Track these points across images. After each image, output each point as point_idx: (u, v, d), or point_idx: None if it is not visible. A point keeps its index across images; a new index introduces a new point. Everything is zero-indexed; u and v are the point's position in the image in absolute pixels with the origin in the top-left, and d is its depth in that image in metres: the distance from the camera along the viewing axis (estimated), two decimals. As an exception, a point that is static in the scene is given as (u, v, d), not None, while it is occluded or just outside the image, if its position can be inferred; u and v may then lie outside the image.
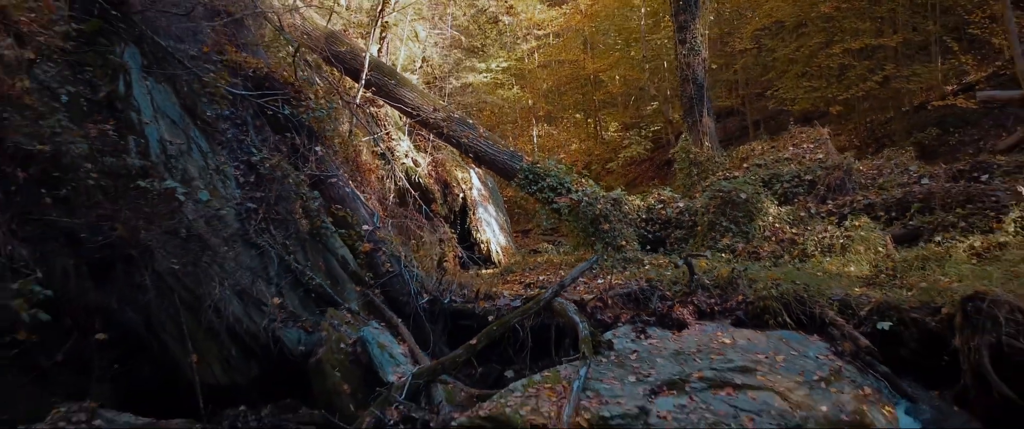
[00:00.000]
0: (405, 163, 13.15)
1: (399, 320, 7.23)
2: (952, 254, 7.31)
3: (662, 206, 10.79)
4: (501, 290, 8.39)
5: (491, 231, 14.47)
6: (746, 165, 11.69)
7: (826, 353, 5.86)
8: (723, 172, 11.80)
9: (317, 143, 8.06)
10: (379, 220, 8.98)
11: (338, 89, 11.70)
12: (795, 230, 9.20)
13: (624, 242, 9.83)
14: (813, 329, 6.25)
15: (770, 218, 9.54)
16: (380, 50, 14.17)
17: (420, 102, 12.05)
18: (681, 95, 13.81)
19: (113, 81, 5.93)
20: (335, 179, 8.11)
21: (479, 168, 14.34)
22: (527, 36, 24.09)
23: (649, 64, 20.49)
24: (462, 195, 14.23)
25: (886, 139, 14.66)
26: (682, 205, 10.69)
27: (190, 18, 6.87)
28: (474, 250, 13.71)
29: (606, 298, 7.12)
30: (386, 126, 13.39)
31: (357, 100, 11.74)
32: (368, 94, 12.18)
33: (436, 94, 15.73)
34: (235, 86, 7.33)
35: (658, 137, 20.80)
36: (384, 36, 14.45)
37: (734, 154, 12.79)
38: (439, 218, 13.30)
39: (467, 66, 19.72)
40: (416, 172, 13.23)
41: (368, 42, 12.95)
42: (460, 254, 12.83)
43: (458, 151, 12.73)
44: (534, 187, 11.13)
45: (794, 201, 10.16)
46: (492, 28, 24.00)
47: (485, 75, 20.64)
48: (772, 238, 9.15)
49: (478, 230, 14.24)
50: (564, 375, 5.40)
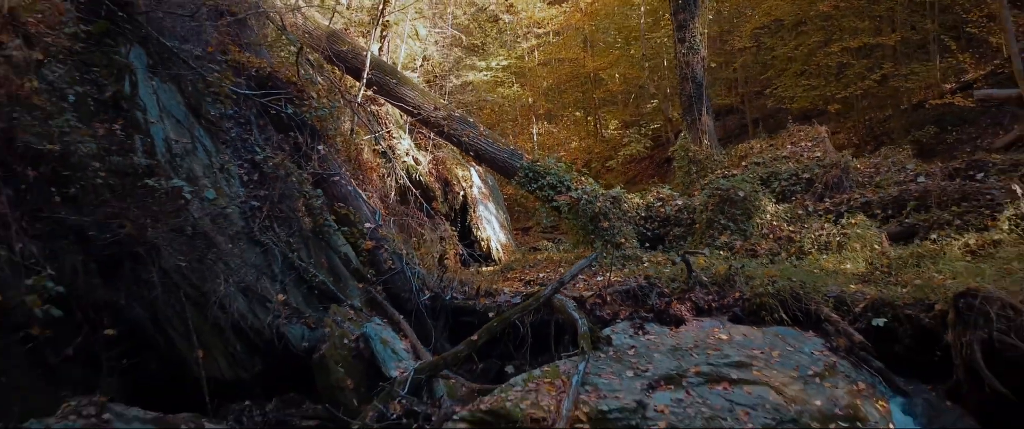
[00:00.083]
0: (406, 161, 13.20)
1: (401, 316, 7.32)
2: (946, 252, 7.41)
3: (661, 204, 10.84)
4: (501, 287, 8.47)
5: (491, 229, 14.53)
6: (744, 163, 11.73)
7: (821, 349, 5.95)
8: (722, 170, 11.84)
9: (319, 142, 8.13)
10: (381, 218, 9.05)
11: (340, 88, 11.76)
12: (792, 228, 9.27)
13: (623, 240, 9.89)
14: (809, 325, 6.33)
15: (768, 216, 9.61)
16: (381, 49, 14.21)
17: (421, 101, 12.11)
18: (680, 93, 13.83)
19: (119, 81, 6.01)
20: (337, 177, 8.19)
21: (479, 166, 14.38)
22: (527, 34, 24.10)
23: (649, 62, 20.51)
24: (463, 193, 14.29)
25: (884, 137, 14.71)
26: (681, 203, 10.73)
27: (194, 18, 6.95)
28: (474, 247, 13.76)
29: (605, 295, 7.19)
30: (387, 124, 13.43)
31: (358, 99, 11.80)
32: (369, 93, 12.23)
33: (436, 92, 15.77)
34: (239, 86, 7.39)
35: (658, 135, 20.85)
36: (385, 35, 14.48)
37: (733, 152, 12.82)
38: (440, 216, 13.36)
39: (467, 64, 19.75)
40: (417, 170, 13.29)
41: (369, 41, 13.01)
42: (461, 251, 12.90)
43: (458, 149, 12.77)
44: (534, 185, 11.18)
45: (792, 199, 10.21)
46: (492, 26, 24.00)
47: (485, 73, 20.65)
48: (770, 236, 9.22)
49: (479, 228, 14.29)
50: (563, 370, 5.49)
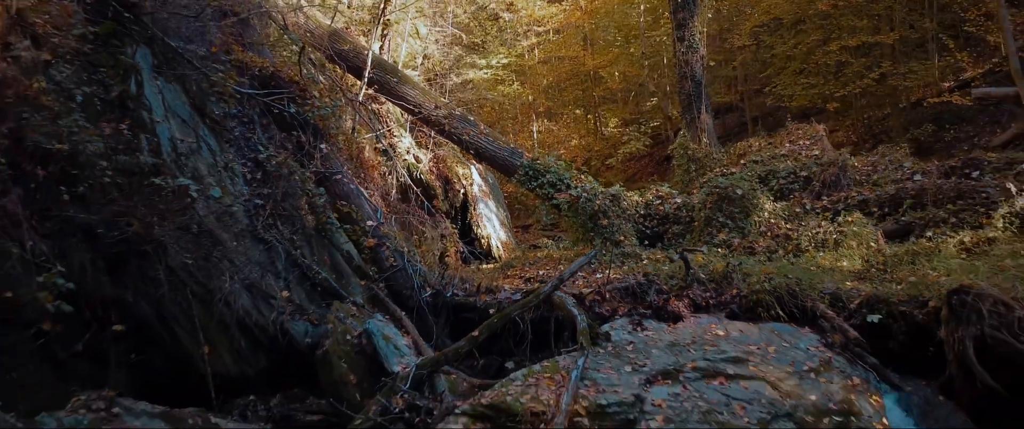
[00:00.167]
0: (407, 159, 13.27)
1: (403, 313, 7.41)
2: (941, 249, 7.50)
3: (660, 202, 10.92)
4: (502, 284, 8.56)
5: (492, 226, 14.61)
6: (743, 161, 11.82)
7: (817, 345, 6.05)
8: (721, 168, 11.92)
9: (322, 140, 8.22)
10: (382, 216, 9.14)
11: (341, 87, 11.85)
12: (790, 225, 9.36)
13: (622, 237, 9.98)
14: (805, 322, 6.42)
15: (766, 214, 9.70)
16: (382, 48, 14.27)
17: (421, 99, 12.18)
18: (679, 92, 13.89)
19: (125, 81, 6.07)
20: (339, 175, 8.28)
21: (480, 164, 14.45)
22: (527, 33, 24.16)
23: (648, 60, 20.57)
24: (463, 191, 14.36)
25: (883, 135, 14.79)
26: (680, 201, 10.82)
27: (199, 19, 7.03)
28: (475, 245, 13.83)
29: (604, 292, 7.28)
30: (388, 123, 13.50)
31: (360, 98, 11.87)
32: (370, 91, 12.30)
33: (437, 91, 15.84)
34: (242, 85, 7.46)
35: (657, 133, 20.92)
36: (386, 34, 14.55)
37: (732, 150, 12.89)
38: (440, 214, 13.43)
39: (468, 63, 19.80)
40: (418, 168, 13.35)
41: (370, 40, 13.09)
42: (461, 249, 12.98)
43: (459, 147, 12.85)
44: (534, 183, 11.26)
45: (790, 197, 10.30)
46: (492, 25, 24.04)
47: (485, 72, 20.72)
48: (767, 233, 9.30)
49: (479, 225, 14.36)
50: (563, 365, 5.58)
